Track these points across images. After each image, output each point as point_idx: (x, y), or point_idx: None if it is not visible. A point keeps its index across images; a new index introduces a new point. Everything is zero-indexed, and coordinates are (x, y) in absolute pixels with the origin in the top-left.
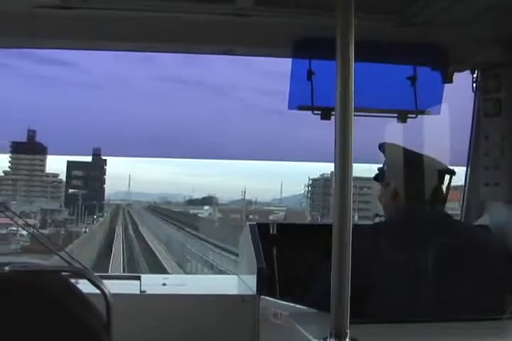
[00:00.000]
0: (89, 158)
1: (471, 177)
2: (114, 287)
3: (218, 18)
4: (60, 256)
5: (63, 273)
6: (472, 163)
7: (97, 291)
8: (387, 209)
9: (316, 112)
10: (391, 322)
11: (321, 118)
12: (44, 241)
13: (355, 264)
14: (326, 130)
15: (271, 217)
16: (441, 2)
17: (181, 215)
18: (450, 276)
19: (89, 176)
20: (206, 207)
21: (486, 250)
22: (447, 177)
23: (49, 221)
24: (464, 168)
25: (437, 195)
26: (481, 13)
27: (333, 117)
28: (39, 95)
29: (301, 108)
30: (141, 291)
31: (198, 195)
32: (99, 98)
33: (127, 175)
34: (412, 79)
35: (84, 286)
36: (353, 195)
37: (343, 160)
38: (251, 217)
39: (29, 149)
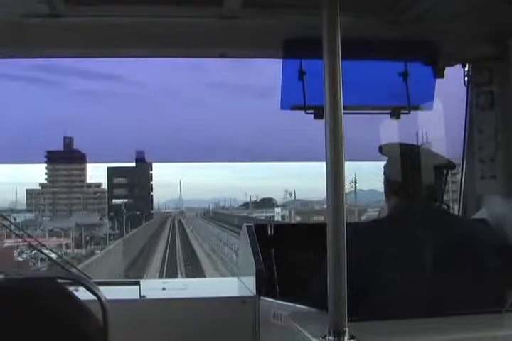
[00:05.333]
0: (132, 163)
1: (467, 170)
2: (116, 293)
3: (208, 21)
4: (58, 263)
5: (60, 281)
6: (467, 156)
7: (95, 298)
8: (388, 205)
9: (308, 112)
10: (389, 319)
11: (314, 118)
12: (41, 248)
13: (354, 262)
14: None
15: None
16: None
17: (248, 221)
18: (449, 271)
19: (133, 183)
20: (277, 209)
21: (484, 244)
22: (445, 171)
23: (87, 238)
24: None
25: (434, 189)
26: (471, 8)
27: None
28: (85, 108)
29: (293, 108)
30: (140, 296)
31: (252, 198)
32: (145, 107)
33: (177, 182)
34: (404, 75)
35: (83, 293)
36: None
37: (334, 159)
38: None
39: (67, 157)
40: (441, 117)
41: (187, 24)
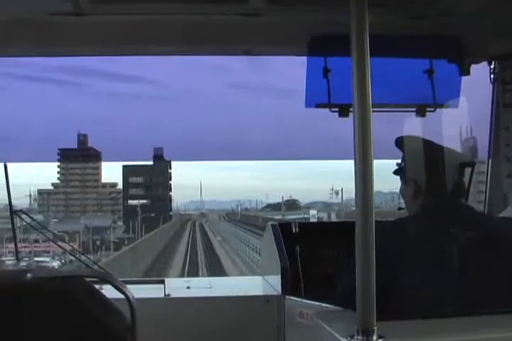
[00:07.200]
0: (149, 161)
1: (492, 168)
2: (139, 291)
3: (233, 18)
4: (83, 262)
5: (86, 279)
6: (493, 154)
7: (121, 296)
8: (409, 204)
9: (333, 109)
10: (418, 318)
11: (339, 116)
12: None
13: (380, 261)
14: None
15: None
16: None
17: None
18: (476, 270)
19: (150, 183)
20: (313, 212)
21: (511, 242)
22: (468, 169)
23: (98, 243)
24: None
25: (459, 187)
26: (496, 4)
27: (351, 114)
28: (109, 109)
29: (318, 106)
30: (165, 295)
31: (273, 200)
32: (166, 106)
33: (197, 183)
34: (430, 73)
35: (108, 291)
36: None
37: (363, 157)
38: None
39: (82, 155)
40: (464, 115)
41: (211, 21)
